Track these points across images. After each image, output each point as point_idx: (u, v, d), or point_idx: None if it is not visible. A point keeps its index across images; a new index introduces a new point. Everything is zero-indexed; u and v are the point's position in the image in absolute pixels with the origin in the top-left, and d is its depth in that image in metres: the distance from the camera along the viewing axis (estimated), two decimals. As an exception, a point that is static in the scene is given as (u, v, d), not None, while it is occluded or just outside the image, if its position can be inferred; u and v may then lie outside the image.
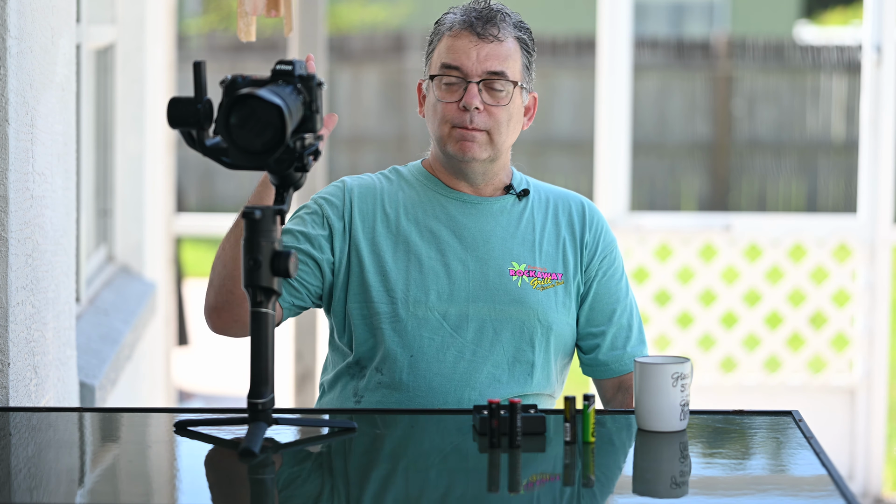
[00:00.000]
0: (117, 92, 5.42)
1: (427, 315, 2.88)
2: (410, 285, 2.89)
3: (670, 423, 2.61)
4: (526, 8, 4.98)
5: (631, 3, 6.15)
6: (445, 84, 2.90)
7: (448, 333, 2.89)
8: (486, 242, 2.94)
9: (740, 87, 13.99)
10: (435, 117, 2.92)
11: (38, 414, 2.75)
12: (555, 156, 14.00)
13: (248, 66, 13.71)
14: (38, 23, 3.03)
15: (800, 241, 6.38)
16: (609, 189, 6.20)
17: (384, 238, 2.92)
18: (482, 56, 2.88)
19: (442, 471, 2.47)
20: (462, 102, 2.88)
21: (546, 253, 2.96)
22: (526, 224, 2.97)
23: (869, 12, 6.18)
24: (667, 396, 2.61)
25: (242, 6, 3.29)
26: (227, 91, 2.44)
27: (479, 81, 2.88)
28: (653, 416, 2.62)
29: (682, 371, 2.61)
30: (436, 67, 2.92)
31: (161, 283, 6.08)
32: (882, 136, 6.15)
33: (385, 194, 2.97)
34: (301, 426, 2.65)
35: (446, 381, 2.88)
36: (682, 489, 2.41)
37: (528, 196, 3.00)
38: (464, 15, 2.92)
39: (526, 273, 2.93)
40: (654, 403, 2.61)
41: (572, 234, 3.00)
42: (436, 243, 2.92)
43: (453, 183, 2.97)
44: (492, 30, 2.89)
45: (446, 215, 2.95)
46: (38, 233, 3.03)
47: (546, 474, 2.48)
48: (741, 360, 6.38)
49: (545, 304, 2.92)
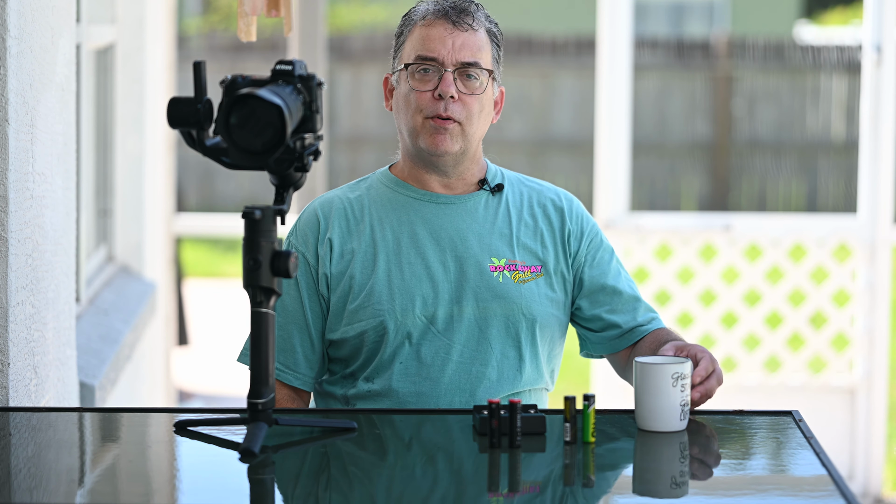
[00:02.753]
0: (117, 92, 5.42)
1: (414, 322, 2.88)
2: (395, 294, 2.88)
3: (670, 424, 2.62)
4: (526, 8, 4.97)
5: (631, 3, 6.15)
6: (420, 72, 2.90)
7: (436, 336, 2.88)
8: (463, 241, 2.93)
9: (740, 87, 13.99)
10: (408, 108, 2.91)
11: (38, 414, 2.75)
12: (555, 156, 13.99)
13: (248, 66, 13.71)
14: (38, 23, 3.03)
15: (800, 241, 6.38)
16: (609, 189, 6.20)
17: (363, 254, 2.92)
18: (457, 45, 2.89)
19: (442, 471, 2.47)
20: (438, 90, 2.87)
21: (524, 246, 2.95)
22: (502, 219, 2.97)
23: (869, 12, 6.18)
24: (667, 397, 2.61)
25: (242, 6, 3.29)
26: (227, 91, 2.44)
27: (454, 70, 2.88)
28: (653, 416, 2.62)
29: (683, 371, 2.61)
30: (409, 57, 2.91)
31: (161, 283, 6.08)
32: (882, 136, 6.15)
33: (355, 208, 2.96)
34: (301, 426, 2.65)
35: (435, 384, 2.88)
36: (682, 489, 2.41)
37: (503, 190, 3.00)
38: (436, 5, 2.93)
39: (506, 268, 2.93)
40: (654, 403, 2.61)
41: (550, 226, 2.99)
42: (414, 248, 2.91)
43: (424, 182, 2.96)
44: (467, 19, 2.90)
45: (421, 219, 2.94)
46: (38, 233, 3.03)
47: (546, 474, 2.48)
48: (741, 360, 6.38)
49: (528, 298, 2.92)
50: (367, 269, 2.90)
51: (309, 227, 2.94)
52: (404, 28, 2.95)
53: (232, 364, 8.84)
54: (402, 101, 2.92)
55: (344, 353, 2.92)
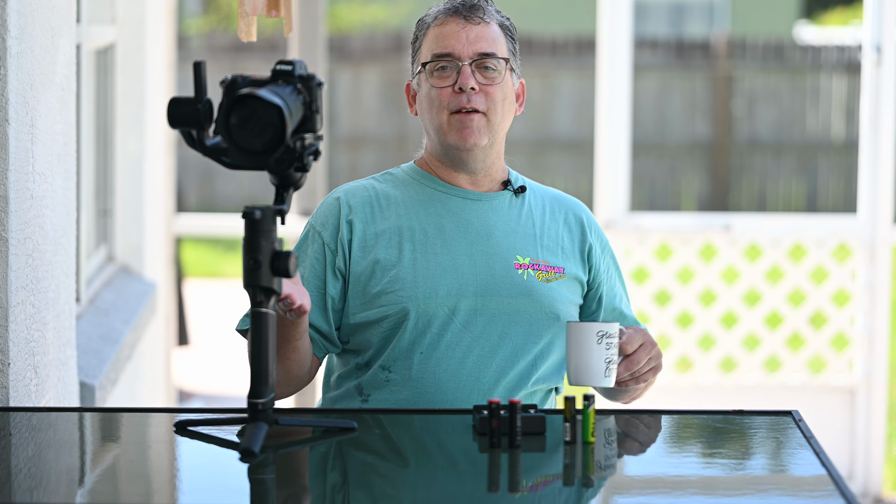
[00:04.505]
0: (117, 92, 5.42)
1: (436, 311, 2.89)
2: (419, 282, 2.89)
3: (595, 379, 2.76)
4: (526, 8, 4.97)
5: (631, 3, 6.15)
6: (438, 70, 2.92)
7: (457, 329, 2.89)
8: (489, 236, 2.95)
9: (740, 87, 14.00)
10: (431, 107, 2.93)
11: (38, 414, 2.75)
12: (555, 156, 14.00)
13: (248, 66, 13.72)
14: (38, 23, 3.03)
15: (800, 241, 6.38)
16: (609, 189, 6.20)
17: (388, 240, 2.92)
18: (471, 38, 2.92)
19: (442, 471, 2.47)
20: (458, 84, 2.90)
21: (547, 247, 2.98)
22: (526, 219, 2.99)
23: (869, 12, 6.18)
24: (592, 353, 2.75)
25: (242, 6, 3.29)
26: (227, 91, 2.44)
27: (471, 63, 2.91)
28: (579, 371, 2.76)
29: (607, 331, 2.75)
30: (426, 57, 2.94)
31: (161, 283, 6.08)
32: (882, 136, 6.15)
33: (381, 197, 2.97)
34: (301, 426, 2.65)
35: (454, 376, 2.88)
36: (682, 489, 2.41)
37: (525, 193, 3.02)
38: (447, 5, 2.97)
39: (530, 266, 2.95)
40: (580, 360, 2.76)
41: (571, 235, 3.01)
42: (441, 239, 2.93)
43: (451, 178, 2.98)
44: (477, 12, 2.94)
45: (448, 212, 2.95)
46: (38, 233, 3.03)
47: (546, 474, 2.48)
48: (741, 360, 6.38)
49: (552, 297, 2.93)
50: (393, 255, 2.91)
51: (330, 209, 2.96)
52: (419, 33, 2.98)
53: (232, 364, 8.84)
54: (426, 101, 2.95)
55: (361, 340, 2.92)
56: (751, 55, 13.93)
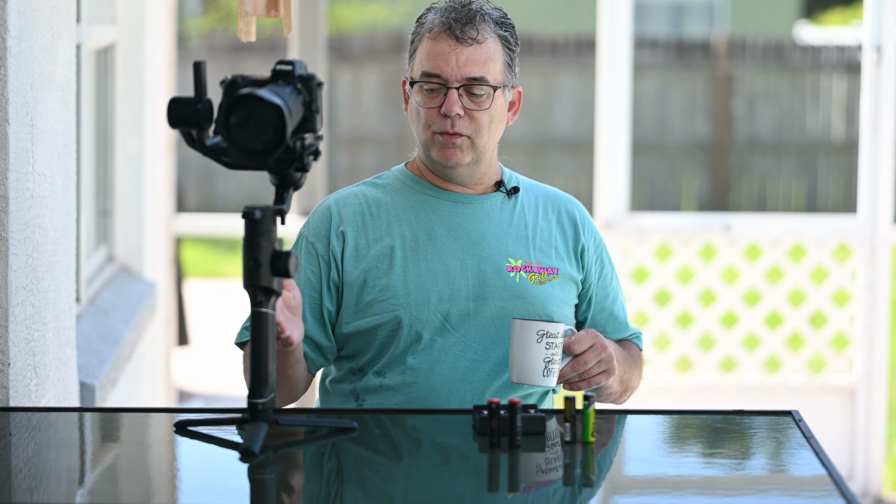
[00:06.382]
0: (117, 92, 5.42)
1: (429, 318, 2.88)
2: (411, 289, 2.88)
3: (533, 377, 2.76)
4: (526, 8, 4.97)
5: (631, 3, 6.15)
6: (427, 90, 2.90)
7: (450, 333, 2.89)
8: (481, 239, 2.94)
9: (740, 87, 13.99)
10: (418, 122, 2.93)
11: (38, 414, 2.75)
12: (555, 156, 13.99)
13: (248, 66, 13.71)
14: (38, 23, 3.03)
15: (800, 241, 6.38)
16: (609, 189, 6.20)
17: (379, 248, 2.92)
18: (461, 61, 2.88)
19: (442, 471, 2.48)
20: (443, 109, 2.88)
21: (539, 249, 2.97)
22: (518, 221, 2.98)
23: (869, 12, 6.18)
24: (531, 351, 2.75)
25: (242, 6, 3.29)
26: (227, 91, 2.44)
27: (458, 87, 2.88)
28: (517, 368, 2.76)
29: (549, 330, 2.75)
30: (417, 72, 2.91)
31: (161, 283, 6.08)
32: (882, 136, 6.15)
33: (371, 204, 2.96)
34: (301, 426, 2.65)
35: (448, 380, 2.88)
36: (682, 489, 2.41)
37: (518, 193, 3.01)
38: (443, 16, 2.90)
39: (523, 269, 2.94)
40: (518, 357, 2.76)
41: (564, 235, 3.00)
42: (432, 245, 2.92)
43: (442, 183, 2.97)
44: (471, 32, 2.88)
45: (438, 216, 2.95)
46: (38, 233, 3.03)
47: (546, 474, 2.48)
48: (741, 360, 6.38)
49: (545, 299, 2.93)
50: (384, 264, 2.90)
51: (322, 219, 2.95)
52: (416, 36, 2.96)
53: (231, 364, 8.84)
54: (414, 113, 2.94)
55: (355, 347, 2.92)
56: (751, 55, 13.93)
